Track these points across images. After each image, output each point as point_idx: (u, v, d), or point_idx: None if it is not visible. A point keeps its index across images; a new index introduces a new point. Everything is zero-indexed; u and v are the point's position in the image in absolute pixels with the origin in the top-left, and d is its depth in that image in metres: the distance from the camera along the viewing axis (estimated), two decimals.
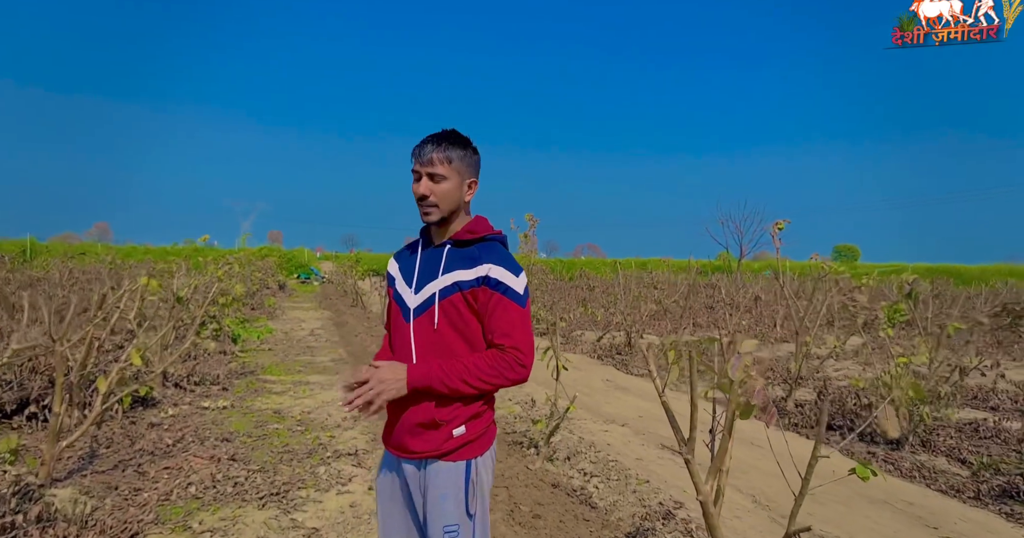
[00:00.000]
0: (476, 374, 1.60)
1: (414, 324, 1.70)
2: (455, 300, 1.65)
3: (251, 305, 13.38)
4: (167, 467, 3.66)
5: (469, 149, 1.76)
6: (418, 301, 1.71)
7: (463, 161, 1.73)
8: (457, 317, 1.65)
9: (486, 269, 1.64)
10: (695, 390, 1.95)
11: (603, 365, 8.14)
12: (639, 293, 9.40)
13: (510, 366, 1.61)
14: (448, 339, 1.65)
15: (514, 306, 1.64)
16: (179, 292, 5.12)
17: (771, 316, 9.25)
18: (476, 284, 1.64)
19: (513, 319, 1.63)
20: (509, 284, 1.65)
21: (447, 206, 1.71)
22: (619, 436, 4.80)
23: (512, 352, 1.62)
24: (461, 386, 1.59)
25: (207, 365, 6.73)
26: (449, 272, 1.68)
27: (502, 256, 1.69)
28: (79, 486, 3.22)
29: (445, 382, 1.59)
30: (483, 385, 1.60)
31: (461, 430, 1.65)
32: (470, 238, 1.73)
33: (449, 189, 1.70)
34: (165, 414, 4.80)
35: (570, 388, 6.18)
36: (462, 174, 1.73)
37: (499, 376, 1.61)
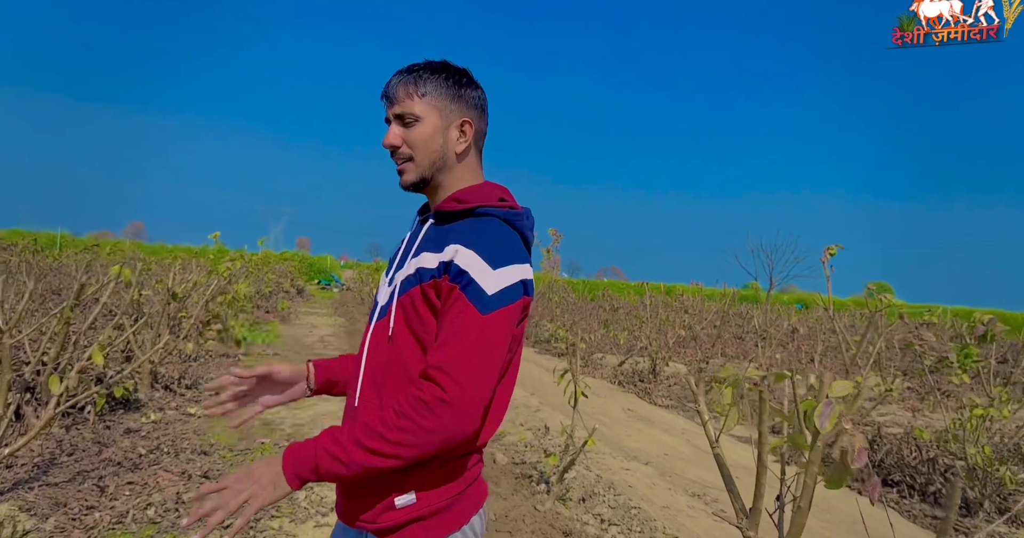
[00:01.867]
0: (379, 431, 1.02)
1: (372, 331, 1.21)
2: (413, 295, 1.13)
3: (265, 308, 13.12)
4: (131, 482, 3.24)
5: (454, 78, 1.23)
6: (387, 296, 1.21)
7: (446, 94, 1.21)
8: (415, 321, 1.12)
9: (452, 251, 1.10)
10: (765, 444, 1.46)
11: (624, 392, 7.59)
12: (667, 317, 8.86)
13: (425, 407, 1.00)
14: (402, 353, 1.12)
15: (469, 309, 1.05)
16: (174, 288, 4.76)
17: (808, 351, 8.63)
18: (437, 273, 1.10)
19: (462, 326, 1.04)
20: (474, 276, 1.07)
21: (425, 159, 1.20)
22: (642, 477, 4.27)
23: (432, 375, 1.02)
24: (362, 457, 1.01)
25: (205, 367, 6.38)
26: (417, 255, 1.17)
27: (481, 235, 1.12)
28: (21, 501, 2.82)
29: (337, 457, 1.02)
30: (392, 448, 1.00)
31: (408, 499, 1.10)
32: (456, 208, 1.19)
33: (426, 134, 1.19)
34: (147, 419, 4.41)
35: (588, 416, 5.66)
36: (445, 112, 1.21)
37: (412, 427, 1.00)
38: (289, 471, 1.03)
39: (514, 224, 1.19)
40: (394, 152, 1.22)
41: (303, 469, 1.03)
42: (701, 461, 4.83)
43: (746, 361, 9.41)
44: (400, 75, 1.22)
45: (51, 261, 9.67)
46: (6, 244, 11.60)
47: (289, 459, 1.03)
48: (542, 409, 6.13)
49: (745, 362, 9.19)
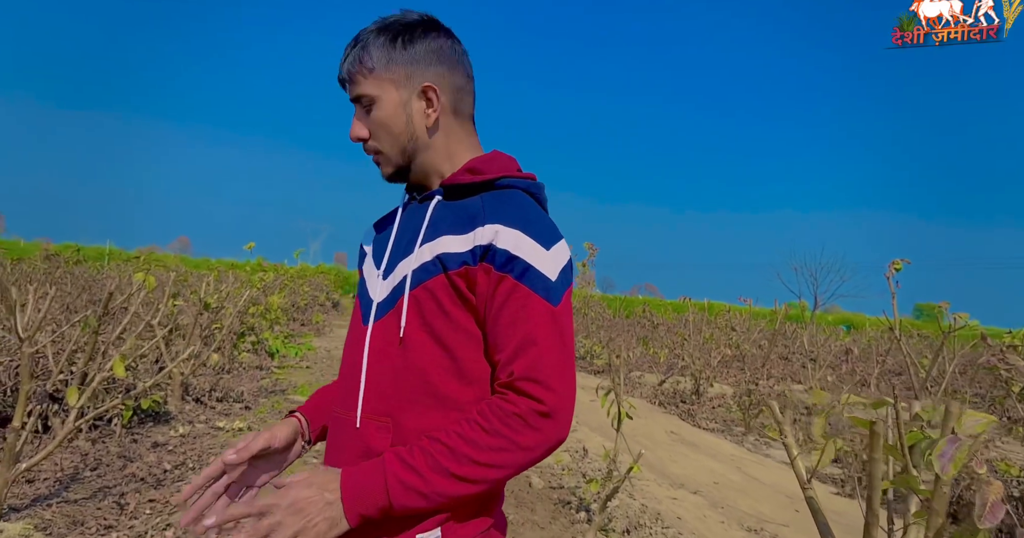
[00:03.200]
0: (468, 454, 0.84)
1: (371, 333, 0.97)
2: (435, 288, 0.91)
3: (300, 320, 13.16)
4: (152, 500, 3.10)
5: (403, 37, 0.99)
6: (386, 291, 0.98)
7: (398, 59, 0.98)
8: (439, 319, 0.91)
9: (490, 233, 0.90)
10: (877, 489, 1.20)
11: (666, 413, 7.24)
12: (710, 335, 8.48)
13: (524, 422, 0.84)
14: (419, 359, 0.92)
15: (538, 301, 0.88)
16: (207, 299, 4.68)
17: (863, 374, 8.14)
18: (471, 259, 0.90)
19: (535, 323, 0.87)
20: (531, 261, 0.88)
21: (393, 146, 1.00)
22: (691, 507, 3.95)
23: (524, 388, 0.85)
24: (448, 487, 0.84)
25: (237, 380, 6.30)
26: (431, 239, 0.95)
27: (521, 210, 0.93)
28: (38, 519, 2.69)
29: (414, 487, 0.83)
30: (485, 472, 0.84)
31: (434, 534, 0.89)
32: (471, 180, 0.99)
33: (385, 116, 0.98)
34: (175, 433, 4.30)
35: (628, 438, 5.36)
36: (401, 82, 0.98)
37: (508, 446, 0.84)
38: (350, 508, 0.82)
39: (537, 197, 1.02)
40: (363, 145, 1.02)
41: (369, 505, 0.82)
42: (755, 491, 4.48)
43: (794, 383, 8.94)
44: (351, 49, 0.99)
45: (94, 273, 9.88)
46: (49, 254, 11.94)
47: (350, 493, 0.82)
48: (579, 429, 5.85)
49: (793, 384, 8.72)
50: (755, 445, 5.97)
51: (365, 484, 0.83)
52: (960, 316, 4.34)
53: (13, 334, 2.53)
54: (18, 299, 2.41)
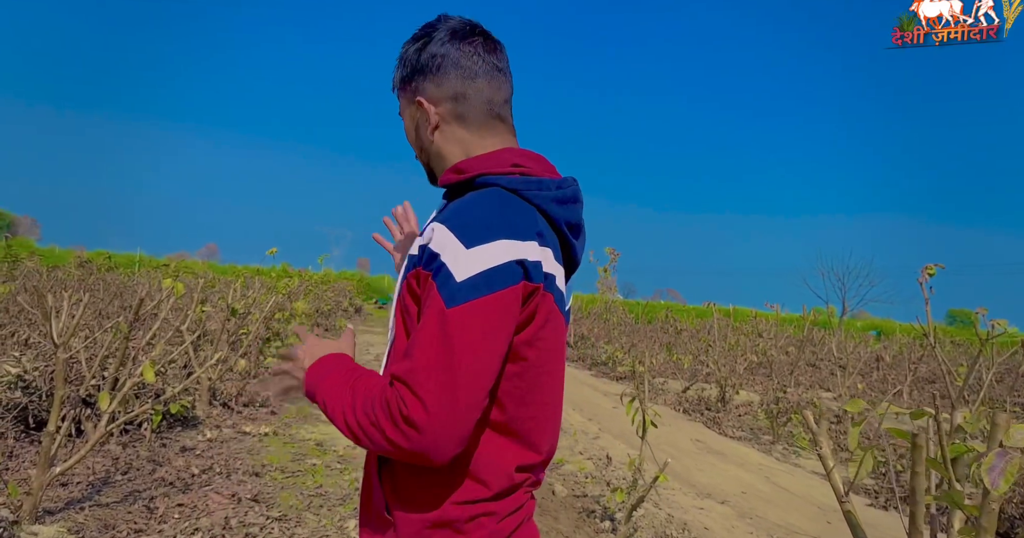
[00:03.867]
0: (353, 403, 0.86)
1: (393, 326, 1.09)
2: (403, 288, 0.97)
3: (325, 326, 13.28)
4: (180, 504, 3.14)
5: (413, 49, 1.05)
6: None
7: (409, 74, 1.06)
8: (406, 315, 0.96)
9: (429, 232, 0.91)
10: (920, 505, 1.15)
11: (690, 421, 7.13)
12: (736, 341, 8.34)
13: (389, 415, 0.81)
14: (399, 349, 0.98)
15: (438, 303, 0.83)
16: (234, 305, 4.75)
17: (895, 382, 7.93)
18: (419, 259, 0.92)
19: (421, 327, 0.84)
20: (447, 261, 0.85)
21: (419, 153, 1.12)
22: (718, 518, 3.87)
23: (397, 388, 0.82)
24: (330, 408, 0.90)
25: (263, 385, 6.38)
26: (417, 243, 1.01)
27: (464, 208, 0.91)
28: (71, 522, 2.74)
29: (326, 401, 0.91)
30: (351, 428, 0.86)
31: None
32: (455, 180, 1.00)
33: (408, 127, 1.12)
34: (202, 437, 4.36)
35: (653, 446, 5.27)
36: (410, 96, 1.07)
37: (372, 424, 0.83)
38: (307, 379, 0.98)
39: (522, 193, 0.94)
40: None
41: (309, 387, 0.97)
42: (784, 501, 4.38)
43: (823, 391, 8.75)
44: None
45: (125, 279, 10.10)
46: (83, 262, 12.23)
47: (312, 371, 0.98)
48: (601, 436, 5.79)
49: (822, 392, 8.53)
50: (783, 454, 5.85)
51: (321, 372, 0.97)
52: (998, 322, 4.20)
53: (48, 340, 2.59)
54: (53, 305, 2.46)
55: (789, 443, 6.14)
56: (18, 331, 4.53)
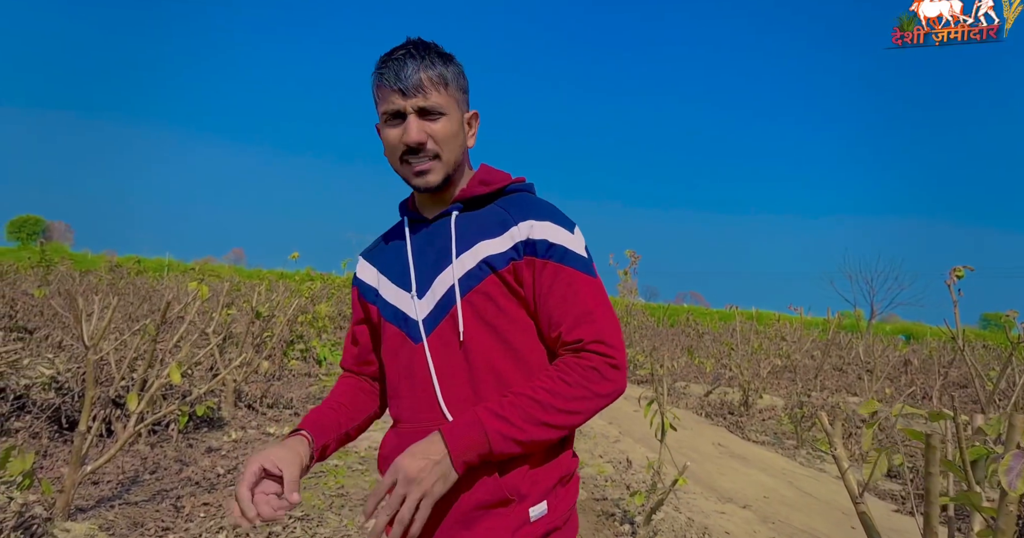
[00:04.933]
0: (554, 405, 0.97)
1: (429, 344, 1.06)
2: (488, 289, 1.03)
3: (347, 328, 13.43)
4: (206, 503, 3.21)
5: (457, 65, 1.12)
6: (428, 308, 1.07)
7: (459, 82, 1.11)
8: (496, 316, 1.03)
9: (525, 229, 1.03)
10: (934, 506, 1.14)
11: (713, 425, 7.06)
12: (759, 345, 8.24)
13: (600, 374, 0.99)
14: (483, 355, 1.03)
15: (582, 277, 1.03)
16: (259, 308, 4.84)
17: (924, 386, 7.75)
18: (516, 255, 1.03)
19: (585, 296, 1.02)
20: (566, 245, 1.03)
21: (452, 156, 1.09)
22: (741, 522, 3.83)
23: (595, 348, 1.00)
24: (540, 433, 0.97)
25: (287, 387, 6.48)
26: (468, 248, 1.06)
27: (542, 206, 1.08)
28: (102, 520, 2.82)
29: (512, 436, 0.96)
30: (570, 419, 0.98)
31: (541, 509, 1.02)
32: (485, 191, 1.11)
33: (452, 129, 1.08)
34: (228, 438, 4.45)
35: (674, 450, 5.24)
36: (461, 104, 1.12)
37: (589, 396, 0.98)
38: (458, 461, 0.95)
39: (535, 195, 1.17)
40: (417, 150, 1.06)
41: (472, 455, 0.96)
42: (807, 506, 4.32)
43: (849, 395, 8.59)
44: (415, 61, 1.05)
45: (154, 283, 10.36)
46: (113, 266, 12.56)
47: (457, 450, 0.95)
48: (622, 440, 5.76)
49: (849, 396, 8.37)
50: (808, 459, 5.76)
51: (468, 441, 0.95)
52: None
53: (80, 342, 2.67)
54: (84, 309, 2.55)
55: (814, 448, 6.04)
56: (52, 334, 4.68)
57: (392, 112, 1.06)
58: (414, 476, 0.92)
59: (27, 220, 37.46)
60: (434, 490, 0.93)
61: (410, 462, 0.93)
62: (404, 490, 0.92)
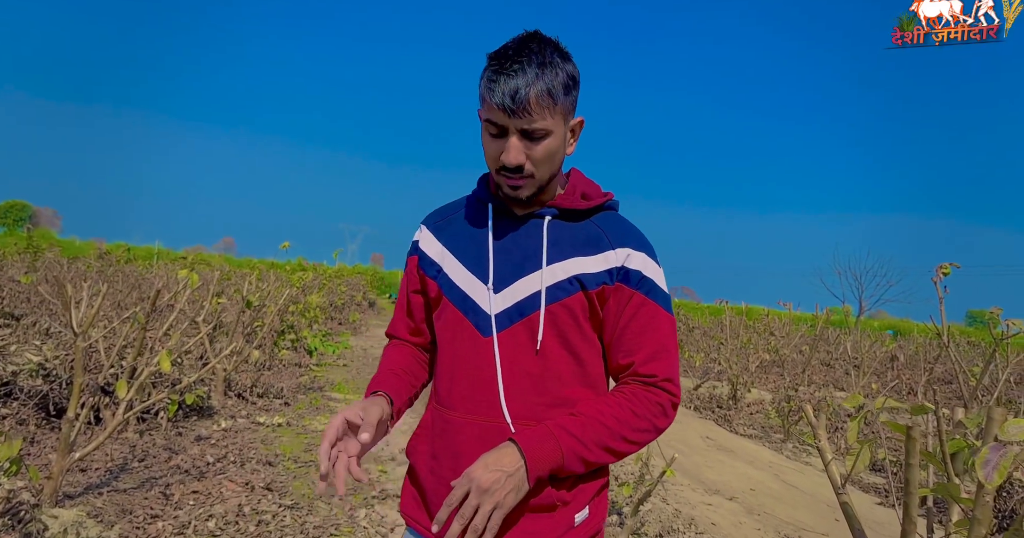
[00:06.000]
0: (622, 434, 1.02)
1: (499, 343, 1.05)
2: (573, 305, 1.05)
3: (338, 319, 13.41)
4: (195, 491, 3.21)
5: (573, 73, 1.04)
6: (503, 305, 1.06)
7: (570, 93, 1.04)
8: (573, 332, 1.06)
9: (623, 256, 1.06)
10: (913, 496, 1.17)
11: (701, 418, 7.12)
12: (748, 339, 8.31)
13: (663, 410, 1.05)
14: (555, 367, 1.06)
15: (663, 313, 1.07)
16: (249, 297, 4.82)
17: (907, 382, 7.84)
18: (608, 280, 1.05)
19: (663, 335, 1.06)
20: (655, 279, 1.08)
21: (547, 174, 1.06)
22: (727, 514, 3.88)
23: (665, 386, 1.05)
24: (603, 458, 1.02)
25: (277, 376, 6.47)
26: (561, 260, 1.06)
27: (638, 235, 1.11)
28: (90, 507, 2.82)
29: (583, 457, 1.00)
30: (629, 448, 1.04)
31: (584, 514, 1.07)
32: (585, 207, 1.11)
33: (554, 148, 1.04)
34: (217, 427, 4.44)
35: (663, 443, 5.28)
36: (568, 116, 1.06)
37: (651, 430, 1.05)
38: (532, 474, 0.97)
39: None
40: (516, 170, 1.03)
41: (545, 470, 0.99)
42: (793, 499, 4.38)
43: (836, 390, 8.68)
44: (526, 75, 0.98)
45: (143, 271, 10.28)
46: (102, 254, 12.46)
47: (533, 461, 0.97)
48: None
49: (836, 391, 8.46)
50: (794, 452, 5.83)
51: (545, 456, 0.97)
52: (1014, 322, 4.15)
53: (68, 329, 2.66)
54: (73, 296, 2.53)
55: (800, 441, 6.12)
56: (39, 320, 4.64)
57: (495, 124, 1.02)
58: (487, 487, 0.93)
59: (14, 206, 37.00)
60: (506, 501, 0.94)
61: (483, 473, 0.94)
62: (477, 500, 0.93)
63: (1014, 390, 6.94)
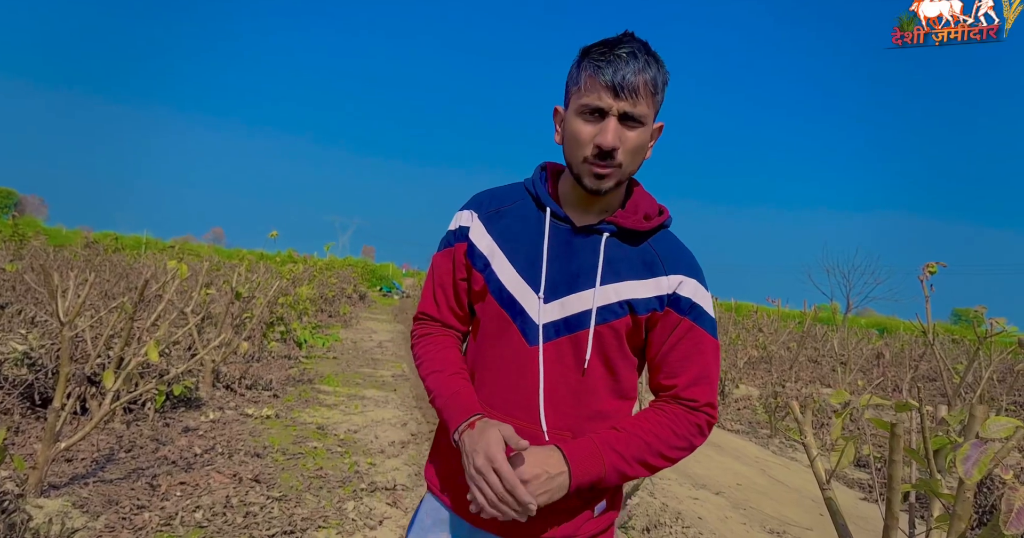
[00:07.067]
0: (660, 451, 1.05)
1: (544, 353, 1.06)
2: (619, 328, 1.07)
3: (328, 312, 13.36)
4: (183, 482, 3.20)
5: (664, 67, 1.07)
6: (551, 316, 1.07)
7: (663, 93, 1.07)
8: (615, 352, 1.08)
9: (675, 283, 1.08)
10: (896, 491, 1.18)
11: None
12: (736, 335, 8.37)
13: (700, 431, 1.09)
14: (595, 384, 1.09)
15: (708, 339, 1.10)
16: (238, 288, 4.79)
17: (893, 379, 7.94)
18: (657, 306, 1.08)
19: (708, 358, 1.09)
20: (703, 305, 1.10)
21: (631, 168, 1.07)
22: (713, 508, 3.92)
23: (707, 410, 1.09)
24: (639, 472, 1.06)
25: (267, 368, 6.44)
26: (613, 281, 1.07)
27: (691, 260, 1.12)
28: (75, 497, 2.80)
29: (622, 471, 1.03)
30: (664, 464, 1.08)
31: (603, 506, 1.14)
32: (645, 228, 1.10)
33: (643, 141, 1.05)
34: (205, 418, 4.42)
35: None
36: (656, 112, 1.08)
37: (686, 448, 1.08)
38: (576, 482, 1.00)
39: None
40: (608, 155, 1.02)
41: (585, 482, 1.01)
42: (779, 494, 4.42)
43: (823, 387, 8.77)
44: (636, 61, 1.00)
45: (131, 261, 10.18)
46: (89, 242, 12.33)
47: (578, 472, 1.00)
48: None
49: (822, 388, 8.55)
50: (781, 448, 5.89)
51: (589, 468, 1.00)
52: (997, 321, 4.21)
53: (54, 318, 2.63)
54: (59, 284, 2.50)
55: (787, 437, 6.18)
56: (25, 309, 4.59)
57: (594, 108, 1.01)
58: (528, 479, 0.95)
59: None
60: (539, 500, 0.95)
61: (529, 467, 0.96)
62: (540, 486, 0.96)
63: (996, 388, 7.03)
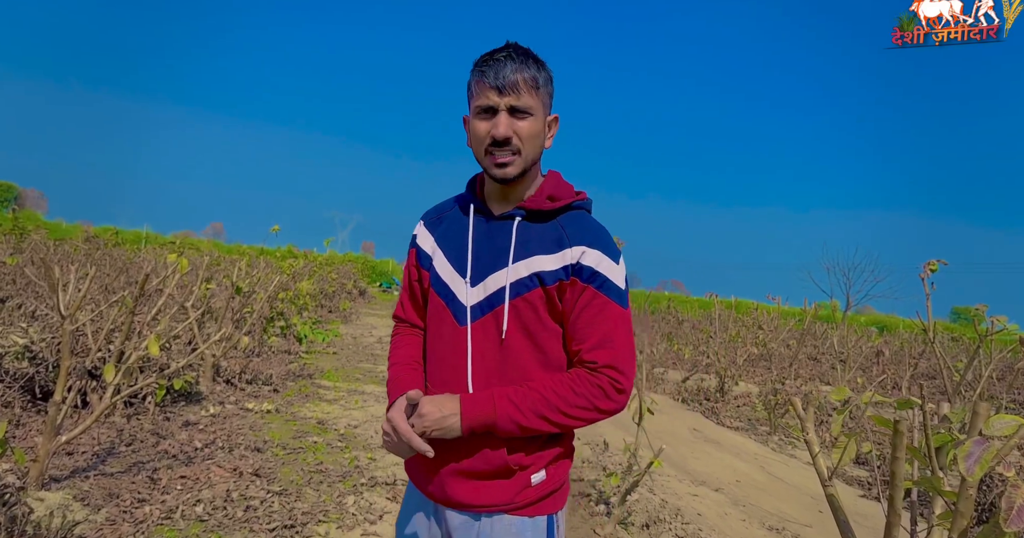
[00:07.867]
0: (558, 406, 1.15)
1: (472, 332, 1.21)
2: (533, 299, 1.18)
3: (328, 307, 13.36)
4: (183, 476, 3.20)
5: (544, 66, 1.23)
6: (477, 297, 1.21)
7: (548, 87, 1.23)
8: (534, 323, 1.19)
9: (578, 253, 1.17)
10: (899, 489, 1.18)
11: (689, 410, 7.18)
12: (737, 333, 8.37)
13: (604, 393, 1.16)
14: (518, 355, 1.20)
15: (613, 306, 1.17)
16: (238, 283, 4.79)
17: (892, 376, 7.94)
18: (563, 276, 1.17)
19: (612, 324, 1.17)
20: (608, 275, 1.18)
21: (531, 154, 1.20)
22: (712, 504, 3.92)
23: (607, 373, 1.16)
24: (538, 424, 1.15)
25: (267, 363, 6.44)
26: (524, 258, 1.19)
27: (596, 233, 1.21)
28: (76, 490, 2.80)
29: (516, 420, 1.14)
30: (567, 421, 1.16)
31: (541, 476, 1.22)
32: (551, 207, 1.23)
33: (537, 129, 1.19)
34: (205, 412, 4.43)
35: (651, 434, 5.32)
36: (547, 106, 1.23)
37: (590, 408, 1.16)
38: (466, 422, 1.14)
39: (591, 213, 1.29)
40: (503, 144, 1.16)
41: (478, 425, 1.14)
42: (778, 490, 4.43)
43: (823, 384, 8.78)
44: (513, 62, 1.16)
45: (131, 255, 10.19)
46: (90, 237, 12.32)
47: (468, 413, 1.14)
48: (600, 423, 5.84)
49: (822, 385, 8.56)
50: (780, 445, 5.90)
51: (479, 412, 1.14)
52: (998, 319, 4.20)
53: (55, 312, 2.63)
54: (60, 278, 2.50)
55: (786, 434, 6.19)
56: (25, 303, 4.59)
57: (485, 107, 1.16)
58: (424, 414, 1.14)
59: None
60: (433, 434, 1.14)
61: (427, 405, 1.14)
62: (415, 421, 1.15)
63: (996, 386, 7.04)
